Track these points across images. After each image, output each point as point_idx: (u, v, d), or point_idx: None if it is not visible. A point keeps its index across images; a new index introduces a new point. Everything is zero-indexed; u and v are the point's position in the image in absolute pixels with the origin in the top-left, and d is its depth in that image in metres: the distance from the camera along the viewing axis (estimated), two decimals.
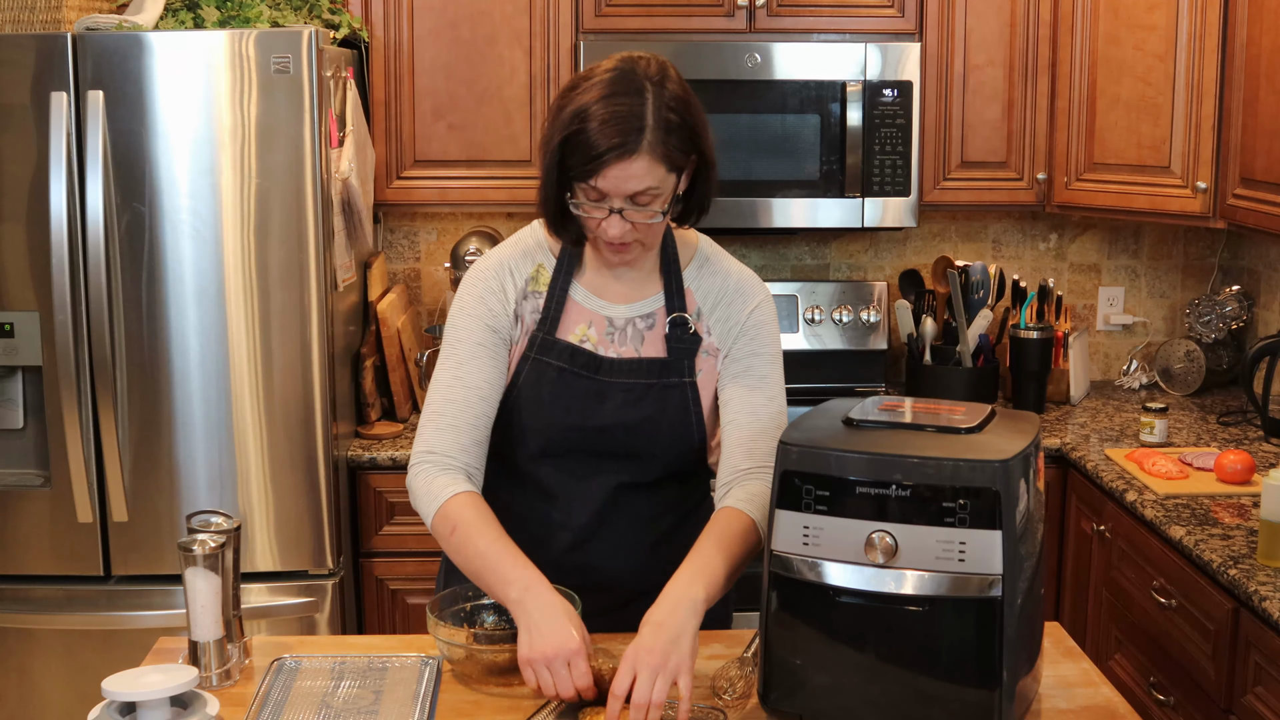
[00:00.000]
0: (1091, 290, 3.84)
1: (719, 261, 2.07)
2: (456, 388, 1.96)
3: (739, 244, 3.76)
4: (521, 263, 2.02)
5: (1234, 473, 2.76)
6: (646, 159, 1.83)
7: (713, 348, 2.02)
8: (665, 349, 1.99)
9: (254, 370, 2.93)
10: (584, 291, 2.01)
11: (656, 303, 2.02)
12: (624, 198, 1.85)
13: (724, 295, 2.03)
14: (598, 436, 1.98)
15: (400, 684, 1.88)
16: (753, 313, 2.03)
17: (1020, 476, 1.65)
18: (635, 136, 1.81)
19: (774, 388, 2.02)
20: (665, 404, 1.98)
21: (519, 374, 1.99)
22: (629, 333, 2.00)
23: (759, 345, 2.02)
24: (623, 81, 1.84)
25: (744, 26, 3.37)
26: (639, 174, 1.83)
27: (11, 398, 2.97)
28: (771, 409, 2.00)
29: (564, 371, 1.97)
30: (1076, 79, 3.36)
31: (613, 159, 1.81)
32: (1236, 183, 3.02)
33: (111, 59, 2.83)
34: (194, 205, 2.88)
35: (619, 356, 1.99)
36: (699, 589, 1.79)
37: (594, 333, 1.99)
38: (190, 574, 1.86)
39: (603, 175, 1.82)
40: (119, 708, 1.68)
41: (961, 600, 1.64)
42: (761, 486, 1.93)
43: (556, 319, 1.99)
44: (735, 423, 1.99)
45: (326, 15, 3.21)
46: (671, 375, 1.98)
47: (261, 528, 2.99)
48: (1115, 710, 1.81)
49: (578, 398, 1.97)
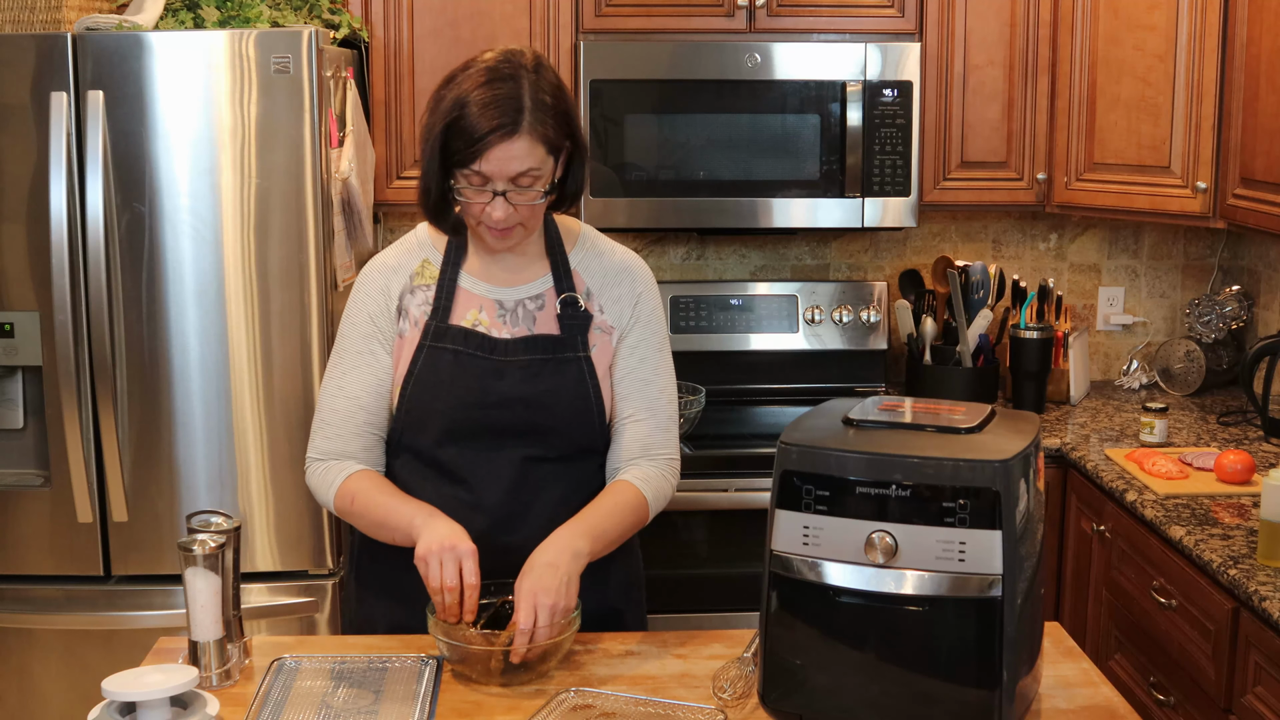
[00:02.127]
0: (1091, 290, 3.84)
1: (602, 244, 2.16)
2: (340, 398, 2.08)
3: (739, 244, 3.76)
4: (405, 260, 2.11)
5: (1234, 473, 2.76)
6: (527, 139, 1.92)
7: (605, 325, 2.10)
8: (558, 326, 2.06)
9: (254, 370, 2.93)
10: (471, 279, 2.08)
11: (545, 284, 2.09)
12: (506, 180, 1.94)
13: (610, 275, 2.12)
14: (498, 413, 2.03)
15: (400, 684, 1.88)
16: (640, 300, 2.12)
17: (1020, 476, 1.65)
18: (515, 117, 1.91)
19: (665, 378, 2.14)
20: (562, 377, 2.05)
21: (415, 363, 2.05)
22: (519, 314, 2.07)
23: (649, 334, 2.12)
24: (499, 70, 1.94)
25: (744, 26, 3.37)
26: (520, 154, 1.92)
27: (11, 398, 2.97)
28: (663, 400, 2.12)
29: (460, 354, 2.04)
30: (1076, 79, 3.36)
31: (495, 140, 1.90)
32: (1236, 183, 3.02)
33: (111, 59, 2.83)
34: (194, 205, 2.88)
35: (512, 336, 2.05)
36: (584, 542, 1.95)
37: (485, 316, 2.06)
38: (190, 574, 1.86)
39: (486, 158, 1.92)
40: (119, 708, 1.68)
41: (961, 600, 1.64)
42: (655, 470, 2.09)
43: (448, 307, 2.06)
44: (633, 417, 2.10)
45: (326, 15, 3.21)
46: (566, 350, 2.06)
47: (261, 528, 2.99)
48: (1115, 710, 1.81)
49: (476, 377, 2.03)
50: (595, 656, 1.98)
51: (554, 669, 1.91)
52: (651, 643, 2.03)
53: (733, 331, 3.64)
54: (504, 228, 1.99)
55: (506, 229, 2.00)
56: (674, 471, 2.14)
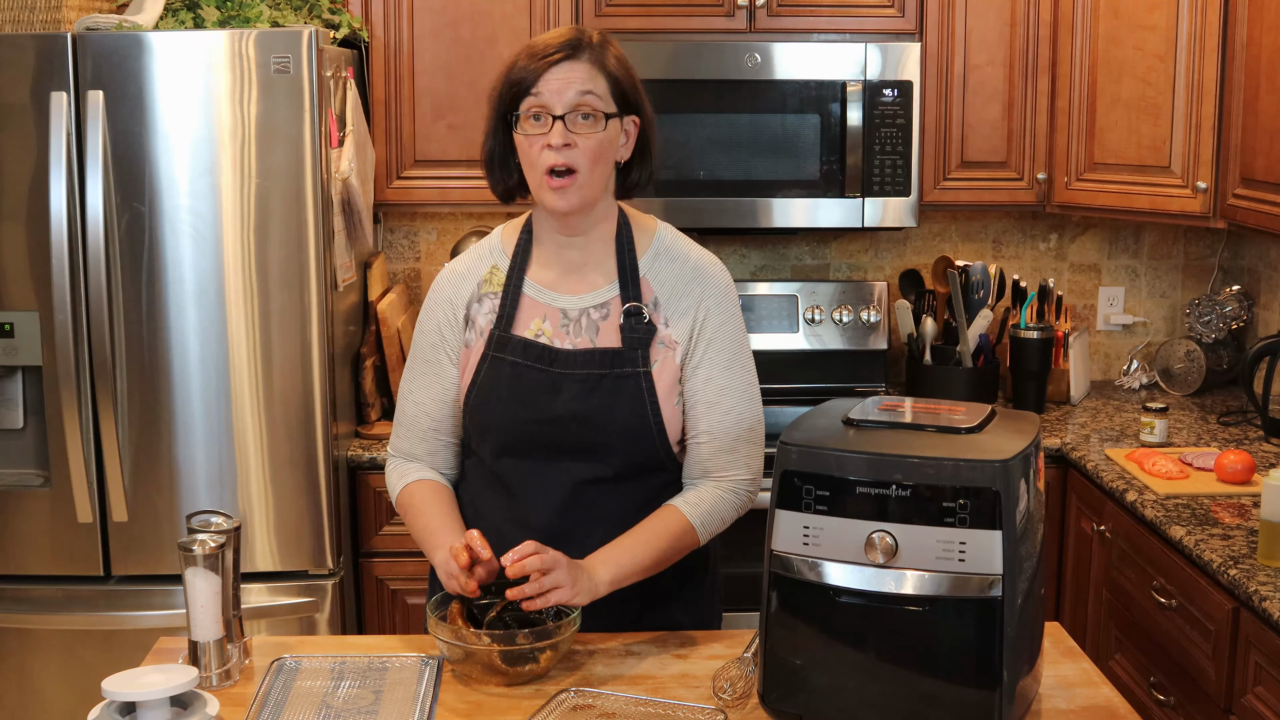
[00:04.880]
0: (1092, 290, 3.83)
1: (679, 247, 2.08)
2: (408, 403, 2.12)
3: (739, 244, 3.76)
4: (475, 267, 2.09)
5: (1234, 473, 2.76)
6: (587, 65, 1.94)
7: (670, 339, 2.01)
8: (620, 339, 2.00)
9: (254, 370, 2.93)
10: (536, 286, 2.05)
11: (610, 292, 2.03)
12: (565, 105, 1.92)
13: (682, 283, 2.03)
14: (553, 429, 1.99)
15: (400, 684, 1.88)
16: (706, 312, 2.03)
17: (1020, 476, 1.65)
18: (578, 46, 1.95)
19: (732, 397, 2.03)
20: (619, 394, 1.98)
21: (479, 373, 2.03)
22: (583, 324, 2.02)
23: (716, 351, 2.03)
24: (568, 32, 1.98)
25: (744, 26, 3.37)
26: (581, 75, 1.93)
27: (11, 398, 2.97)
28: (729, 420, 2.03)
29: (518, 366, 2.01)
30: (1077, 79, 3.36)
31: (557, 59, 1.92)
32: (1237, 182, 3.02)
33: (111, 59, 2.83)
34: (194, 205, 2.88)
35: (574, 348, 2.00)
36: (606, 573, 1.93)
37: (549, 326, 2.02)
38: (190, 574, 1.86)
39: (545, 78, 1.92)
40: (119, 708, 1.68)
41: (961, 600, 1.64)
42: (712, 492, 2.03)
43: (512, 316, 2.03)
44: (695, 440, 2.04)
45: (326, 15, 3.21)
46: (625, 365, 1.99)
47: (261, 528, 2.99)
48: (1115, 710, 1.81)
49: (532, 391, 2.00)
50: (595, 656, 1.97)
51: (554, 669, 1.91)
52: (651, 643, 2.03)
53: None
54: (565, 171, 1.92)
55: (566, 178, 1.93)
56: (736, 489, 2.05)
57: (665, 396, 2.00)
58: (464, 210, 3.69)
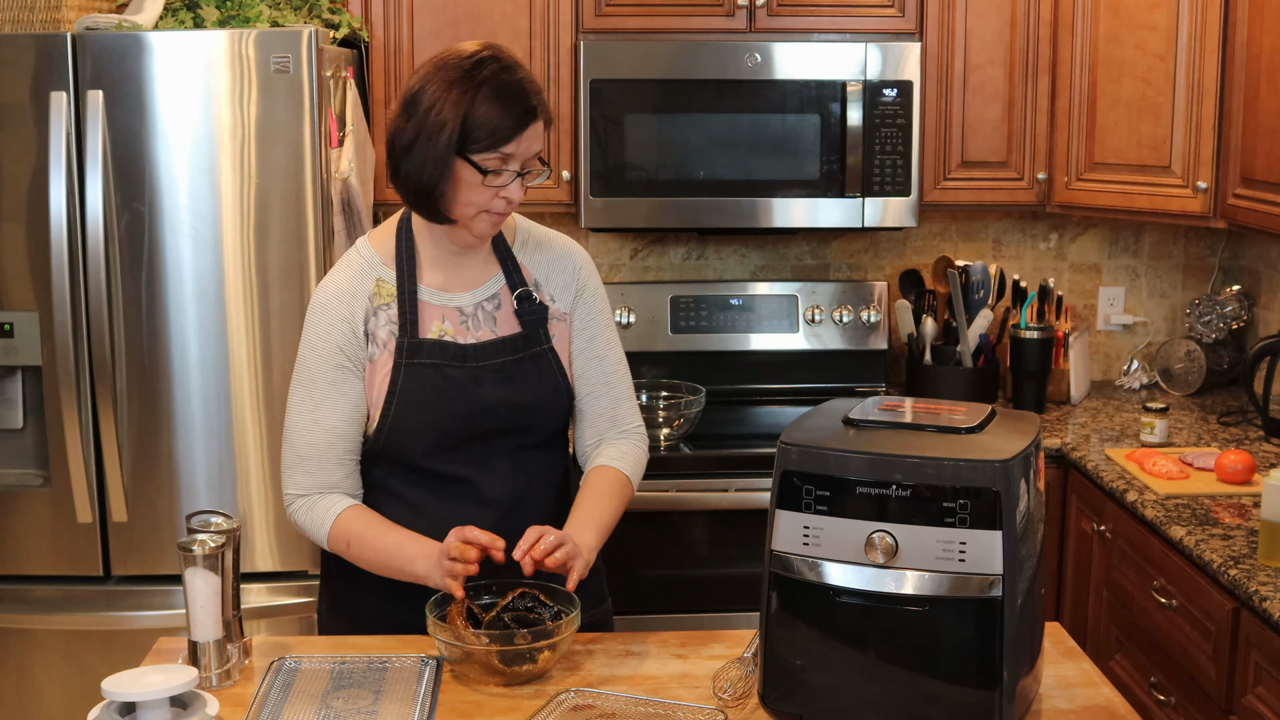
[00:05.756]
0: (1092, 290, 3.83)
1: (539, 233, 2.20)
2: (316, 431, 2.05)
3: (739, 244, 3.76)
4: (359, 283, 2.09)
5: (1234, 473, 2.76)
6: (542, 119, 2.00)
7: (559, 313, 2.14)
8: (519, 324, 2.09)
9: (254, 370, 2.93)
10: (430, 290, 2.09)
11: (497, 283, 2.12)
12: (523, 162, 1.99)
13: (554, 262, 2.16)
14: (484, 417, 2.06)
15: (400, 684, 1.88)
16: (582, 281, 2.17)
17: (1020, 476, 1.65)
18: (542, 99, 1.99)
19: (617, 351, 2.20)
20: (535, 373, 2.10)
21: (395, 383, 2.04)
22: (480, 317, 2.09)
23: (594, 311, 2.17)
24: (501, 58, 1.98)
25: (744, 26, 3.37)
26: (541, 134, 2.00)
27: (11, 398, 2.97)
28: (620, 372, 2.19)
29: (438, 366, 2.05)
30: (1077, 79, 3.36)
31: (529, 121, 1.96)
32: (1237, 182, 3.02)
33: (111, 59, 2.83)
34: (194, 205, 2.88)
35: (478, 341, 2.07)
36: (592, 535, 2.02)
37: (449, 325, 2.08)
38: (190, 574, 1.86)
39: (520, 138, 1.95)
40: (119, 708, 1.68)
41: (962, 600, 1.64)
42: (628, 444, 2.18)
43: (415, 322, 2.06)
44: (594, 394, 2.16)
45: (326, 15, 3.21)
46: (533, 346, 2.10)
47: (261, 528, 2.99)
48: (1115, 710, 1.81)
49: (457, 388, 2.04)
50: (595, 657, 1.98)
51: (554, 669, 1.91)
52: (651, 643, 2.03)
53: (733, 331, 3.64)
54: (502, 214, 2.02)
55: (502, 215, 2.02)
56: (643, 438, 2.22)
57: (568, 365, 2.15)
58: None
